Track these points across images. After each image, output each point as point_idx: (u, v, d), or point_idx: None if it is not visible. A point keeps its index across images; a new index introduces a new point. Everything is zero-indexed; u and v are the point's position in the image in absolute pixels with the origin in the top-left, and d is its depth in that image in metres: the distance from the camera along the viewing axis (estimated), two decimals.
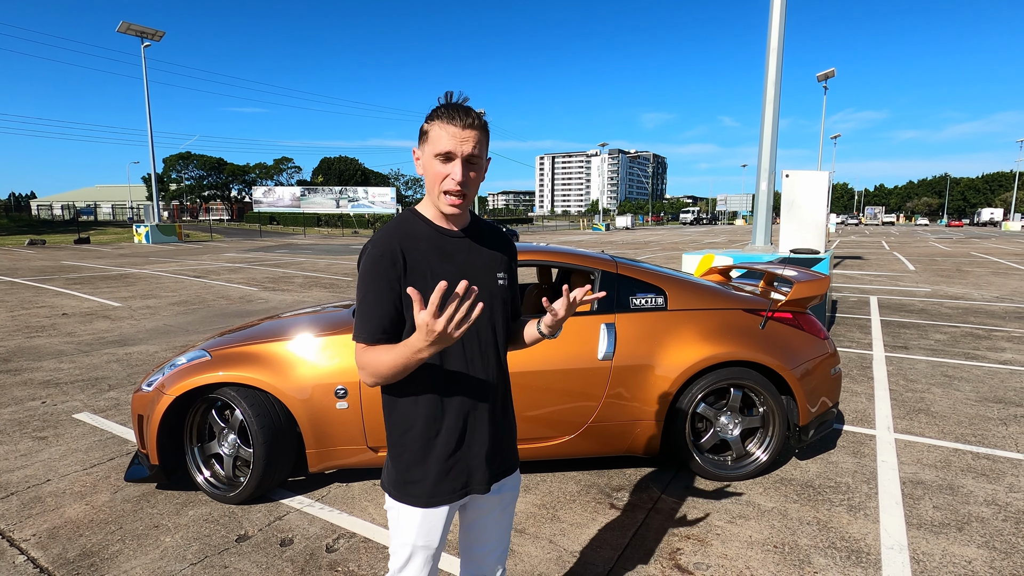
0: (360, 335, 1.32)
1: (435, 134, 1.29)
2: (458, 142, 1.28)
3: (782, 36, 8.56)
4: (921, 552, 2.58)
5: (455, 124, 1.28)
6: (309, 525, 2.82)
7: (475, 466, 1.41)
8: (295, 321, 3.41)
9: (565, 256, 3.38)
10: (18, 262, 18.13)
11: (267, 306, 9.49)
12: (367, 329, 1.32)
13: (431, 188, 1.34)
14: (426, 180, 1.35)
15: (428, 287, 1.30)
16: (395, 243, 1.32)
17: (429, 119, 1.32)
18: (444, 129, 1.28)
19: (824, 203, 8.06)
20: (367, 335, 1.32)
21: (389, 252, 1.31)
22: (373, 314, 1.31)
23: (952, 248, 25.33)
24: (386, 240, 1.33)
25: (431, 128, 1.30)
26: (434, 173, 1.32)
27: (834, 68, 35.83)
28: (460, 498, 1.41)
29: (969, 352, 6.24)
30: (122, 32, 29.95)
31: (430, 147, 1.31)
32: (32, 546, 2.64)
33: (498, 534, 1.56)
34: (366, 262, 1.32)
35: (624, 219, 69.45)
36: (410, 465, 1.38)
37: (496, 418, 1.44)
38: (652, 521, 2.86)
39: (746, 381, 3.19)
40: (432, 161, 1.31)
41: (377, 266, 1.31)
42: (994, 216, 78.58)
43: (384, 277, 1.30)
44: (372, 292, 1.31)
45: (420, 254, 1.34)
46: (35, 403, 4.63)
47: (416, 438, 1.38)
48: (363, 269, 1.33)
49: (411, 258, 1.32)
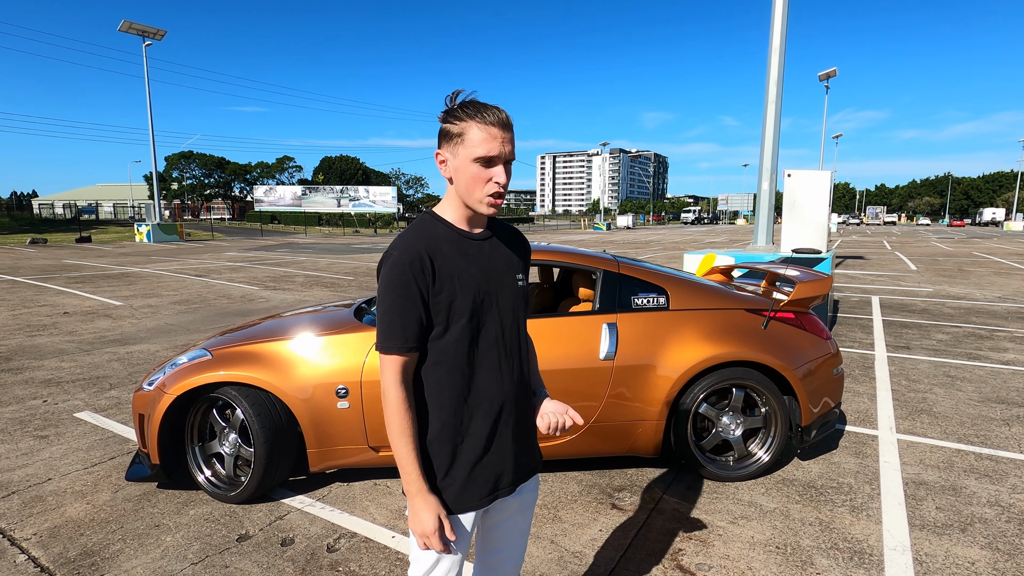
0: (391, 345, 1.26)
1: (474, 136, 1.23)
2: (500, 144, 1.24)
3: (784, 35, 8.54)
4: (924, 553, 2.57)
5: (496, 126, 1.23)
6: (310, 525, 2.82)
7: (504, 469, 1.39)
8: (296, 320, 3.40)
9: (567, 255, 3.37)
10: (20, 261, 18.15)
11: (268, 305, 9.49)
12: (399, 338, 1.26)
13: (469, 191, 1.28)
14: (459, 183, 1.29)
15: (456, 291, 1.29)
16: (421, 247, 1.27)
17: (457, 119, 1.25)
18: (485, 131, 1.23)
19: (826, 203, 8.04)
20: (399, 345, 1.26)
21: (417, 257, 1.26)
22: (403, 322, 1.26)
23: (954, 248, 25.28)
24: (412, 244, 1.27)
25: (467, 129, 1.24)
26: (473, 176, 1.26)
27: (835, 67, 35.78)
28: (488, 503, 1.38)
29: (971, 352, 6.23)
30: (124, 31, 29.97)
31: (467, 150, 1.25)
32: (33, 545, 2.64)
33: (517, 537, 1.52)
34: (392, 268, 1.25)
35: (625, 218, 69.41)
36: (436, 470, 1.33)
37: (521, 418, 1.42)
38: (654, 522, 2.85)
39: (748, 381, 3.18)
40: (470, 165, 1.25)
41: (405, 272, 1.24)
42: (996, 216, 78.43)
43: (413, 283, 1.25)
44: (401, 299, 1.25)
45: (446, 258, 1.29)
46: (36, 402, 4.63)
47: (445, 443, 1.33)
48: (388, 276, 1.25)
49: (438, 262, 1.28)
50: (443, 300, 1.28)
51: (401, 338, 1.26)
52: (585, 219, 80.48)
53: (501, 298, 1.37)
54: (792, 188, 8.12)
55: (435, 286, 1.27)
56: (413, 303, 1.25)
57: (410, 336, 1.26)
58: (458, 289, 1.28)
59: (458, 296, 1.29)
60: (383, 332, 1.27)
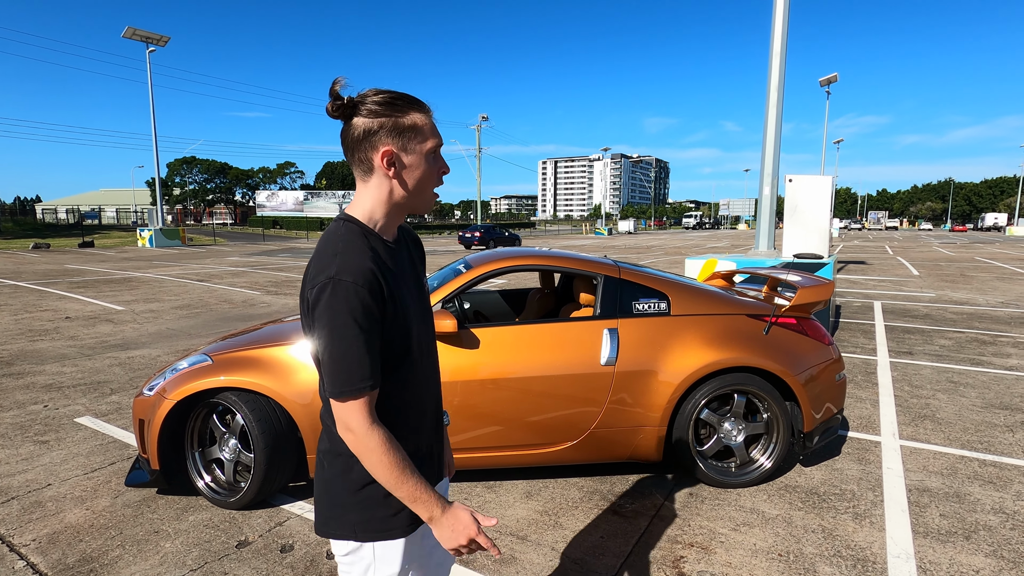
0: (362, 386, 1.08)
1: (427, 127, 1.16)
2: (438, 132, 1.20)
3: (785, 41, 8.56)
4: (928, 561, 2.55)
5: (429, 113, 1.17)
6: (310, 531, 2.80)
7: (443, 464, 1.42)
8: (297, 325, 3.40)
9: (567, 261, 3.37)
10: (22, 266, 18.20)
11: (269, 310, 9.50)
12: (368, 377, 1.08)
13: (422, 188, 1.19)
14: (412, 180, 1.17)
15: (400, 312, 1.16)
16: (373, 267, 1.10)
17: (401, 111, 1.13)
18: (430, 119, 1.17)
19: (827, 208, 8.03)
20: (371, 384, 1.09)
21: (375, 281, 1.09)
22: (370, 357, 1.09)
23: (956, 253, 25.24)
24: (363, 265, 1.09)
25: (417, 119, 1.14)
26: (428, 172, 1.18)
27: (836, 73, 35.78)
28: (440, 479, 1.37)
29: (974, 358, 6.20)
30: (127, 38, 30.13)
31: (421, 143, 1.15)
32: (32, 551, 2.63)
33: None
34: (348, 297, 1.06)
35: (627, 223, 69.41)
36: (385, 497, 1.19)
37: (439, 420, 1.38)
38: (655, 528, 2.83)
39: (750, 387, 3.17)
40: (426, 158, 1.17)
41: (362, 299, 1.07)
42: (998, 221, 78.37)
43: (374, 310, 1.09)
44: (365, 331, 1.08)
45: (391, 276, 1.16)
46: (37, 407, 4.63)
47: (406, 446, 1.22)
48: (345, 305, 1.06)
49: (386, 281, 1.13)
50: (397, 324, 1.15)
51: (370, 376, 1.09)
52: (586, 224, 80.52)
53: (423, 298, 1.30)
54: (793, 193, 8.11)
55: (389, 310, 1.13)
56: (375, 334, 1.11)
57: (376, 370, 1.11)
58: (402, 309, 1.17)
59: (406, 316, 1.17)
60: (346, 371, 1.07)
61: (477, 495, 3.20)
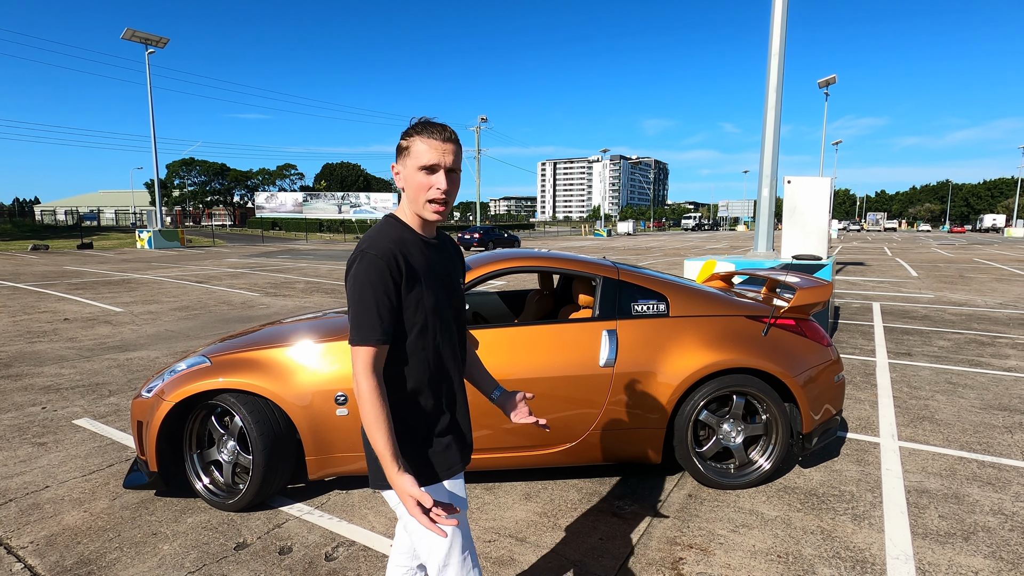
0: (368, 336, 1.34)
1: (418, 148, 1.38)
2: (440, 154, 1.38)
3: (783, 43, 8.57)
4: (927, 562, 2.55)
5: (436, 138, 1.38)
6: (308, 533, 2.80)
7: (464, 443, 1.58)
8: (296, 327, 3.40)
9: (566, 262, 3.37)
10: (21, 267, 18.18)
11: (268, 312, 9.49)
12: (375, 330, 1.35)
13: (415, 198, 1.42)
14: (408, 191, 1.42)
15: (421, 293, 1.42)
16: (394, 248, 1.38)
17: (407, 135, 1.41)
18: (426, 143, 1.38)
19: (826, 209, 8.04)
20: (376, 336, 1.35)
21: (391, 256, 1.37)
22: (379, 314, 1.35)
23: (955, 254, 25.27)
24: (385, 245, 1.38)
25: (412, 143, 1.39)
26: (418, 184, 1.40)
27: (835, 75, 35.83)
28: (462, 469, 1.53)
29: (973, 359, 6.21)
30: (126, 39, 30.12)
31: (413, 160, 1.39)
32: (29, 553, 2.62)
33: None
34: (365, 265, 1.35)
35: (626, 225, 69.45)
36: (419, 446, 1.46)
37: (464, 401, 1.58)
38: (654, 530, 2.83)
39: (749, 388, 3.17)
40: (416, 173, 1.39)
41: (379, 269, 1.35)
42: (996, 222, 78.44)
43: (389, 279, 1.36)
44: (378, 293, 1.35)
45: (414, 258, 1.42)
46: (35, 408, 4.62)
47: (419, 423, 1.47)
48: (362, 272, 1.35)
49: (406, 264, 1.39)
50: (413, 298, 1.41)
51: (378, 330, 1.35)
52: (586, 225, 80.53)
53: (452, 297, 1.53)
54: (792, 194, 8.12)
55: (406, 284, 1.39)
56: (388, 297, 1.36)
57: (385, 328, 1.36)
58: (424, 288, 1.43)
59: (425, 294, 1.43)
60: (358, 324, 1.35)
61: (476, 497, 3.19)
